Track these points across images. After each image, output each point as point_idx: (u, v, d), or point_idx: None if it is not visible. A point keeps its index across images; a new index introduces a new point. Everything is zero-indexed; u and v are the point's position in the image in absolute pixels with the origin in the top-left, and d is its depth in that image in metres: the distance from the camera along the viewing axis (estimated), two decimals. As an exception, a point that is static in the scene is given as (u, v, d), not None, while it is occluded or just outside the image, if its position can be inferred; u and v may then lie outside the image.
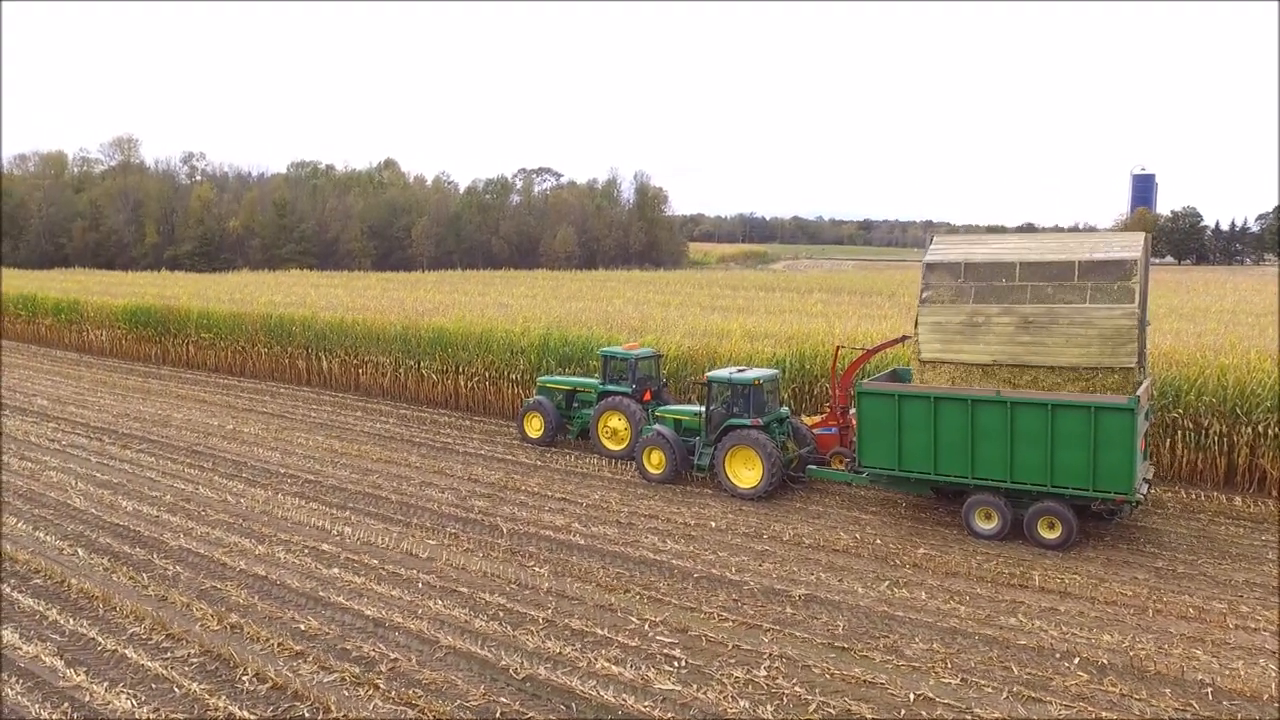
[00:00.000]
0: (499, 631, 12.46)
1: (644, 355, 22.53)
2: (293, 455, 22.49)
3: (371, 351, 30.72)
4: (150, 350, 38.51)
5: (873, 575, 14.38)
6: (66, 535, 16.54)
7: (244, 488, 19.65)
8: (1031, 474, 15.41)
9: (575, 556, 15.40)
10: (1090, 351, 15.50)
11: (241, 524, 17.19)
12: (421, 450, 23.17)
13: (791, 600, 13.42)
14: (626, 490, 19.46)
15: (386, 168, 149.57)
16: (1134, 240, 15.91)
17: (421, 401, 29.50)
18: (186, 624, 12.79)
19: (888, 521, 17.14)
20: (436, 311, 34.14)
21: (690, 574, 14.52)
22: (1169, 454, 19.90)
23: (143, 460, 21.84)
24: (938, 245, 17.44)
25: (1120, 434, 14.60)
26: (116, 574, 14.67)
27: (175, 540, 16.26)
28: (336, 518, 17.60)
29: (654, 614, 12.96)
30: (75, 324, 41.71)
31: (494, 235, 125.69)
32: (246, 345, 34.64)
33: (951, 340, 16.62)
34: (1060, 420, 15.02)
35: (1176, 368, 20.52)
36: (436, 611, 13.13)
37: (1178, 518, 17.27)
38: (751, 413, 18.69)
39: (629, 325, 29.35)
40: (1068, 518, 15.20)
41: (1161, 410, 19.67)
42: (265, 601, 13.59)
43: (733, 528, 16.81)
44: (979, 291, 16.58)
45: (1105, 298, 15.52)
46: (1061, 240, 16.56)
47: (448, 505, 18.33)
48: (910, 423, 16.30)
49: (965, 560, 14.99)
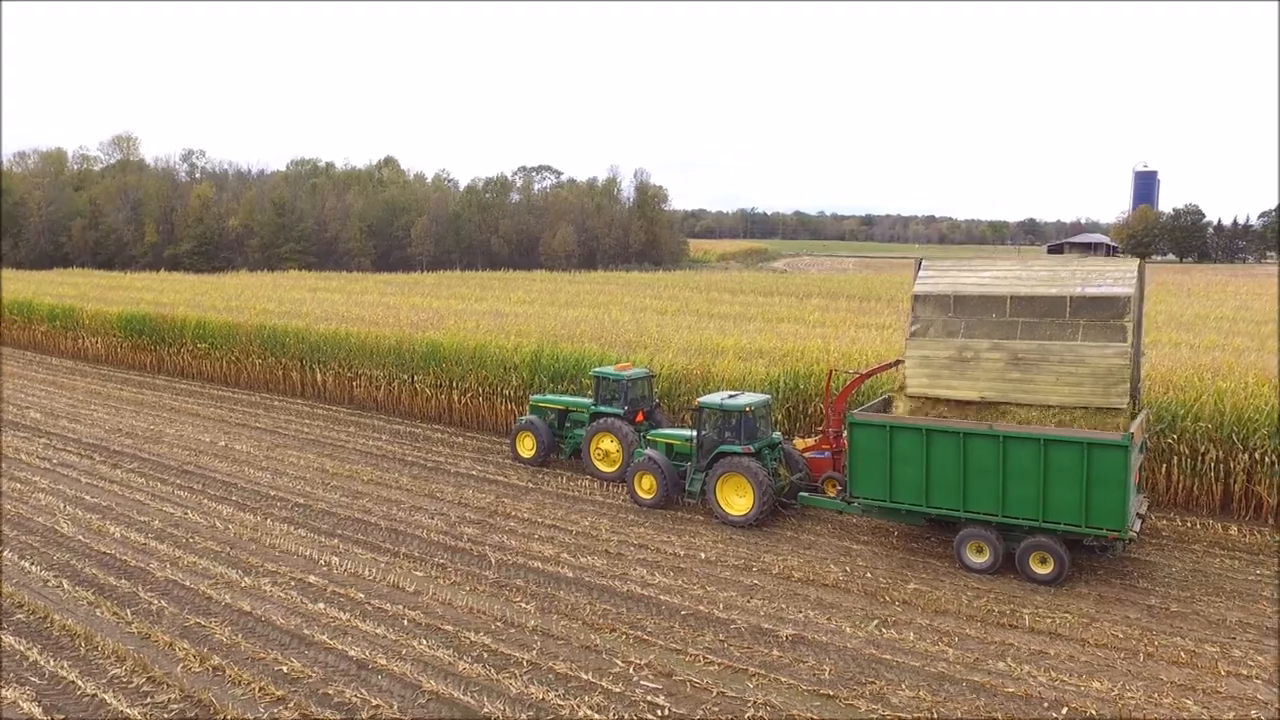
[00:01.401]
0: (482, 675, 12.34)
1: (636, 376, 22.37)
2: (283, 476, 22.36)
3: (365, 365, 30.58)
4: (146, 359, 38.39)
5: (861, 613, 14.24)
6: (53, 565, 16.43)
7: (233, 511, 19.54)
8: (1024, 509, 15.26)
9: (563, 590, 15.27)
10: (1082, 391, 15.28)
11: (229, 553, 17.07)
12: (413, 470, 23.04)
13: (779, 641, 13.29)
14: (617, 516, 19.33)
15: (386, 165, 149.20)
16: (1128, 272, 15.68)
17: (415, 416, 29.36)
18: (168, 665, 12.68)
19: (879, 553, 17.00)
20: (431, 321, 33.98)
21: (678, 611, 14.39)
22: (1164, 480, 19.73)
23: (133, 481, 21.73)
24: (926, 274, 17.21)
25: (1113, 471, 14.44)
26: (100, 609, 14.56)
27: (162, 571, 16.15)
28: (325, 546, 17.48)
29: (639, 656, 12.84)
30: (71, 331, 41.59)
31: (494, 234, 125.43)
32: (241, 356, 34.50)
33: (939, 375, 16.41)
34: (1053, 455, 14.86)
35: (1173, 392, 20.35)
36: (420, 652, 13.02)
37: (1172, 549, 17.11)
38: (743, 439, 18.54)
39: (624, 340, 29.19)
40: (1060, 554, 15.05)
41: (1158, 436, 19.51)
42: (249, 640, 13.48)
43: (723, 559, 16.68)
44: (969, 325, 16.37)
45: (1098, 335, 15.31)
46: (1053, 270, 16.30)
47: (437, 533, 18.20)
48: (902, 454, 16.15)
49: (956, 596, 14.85)
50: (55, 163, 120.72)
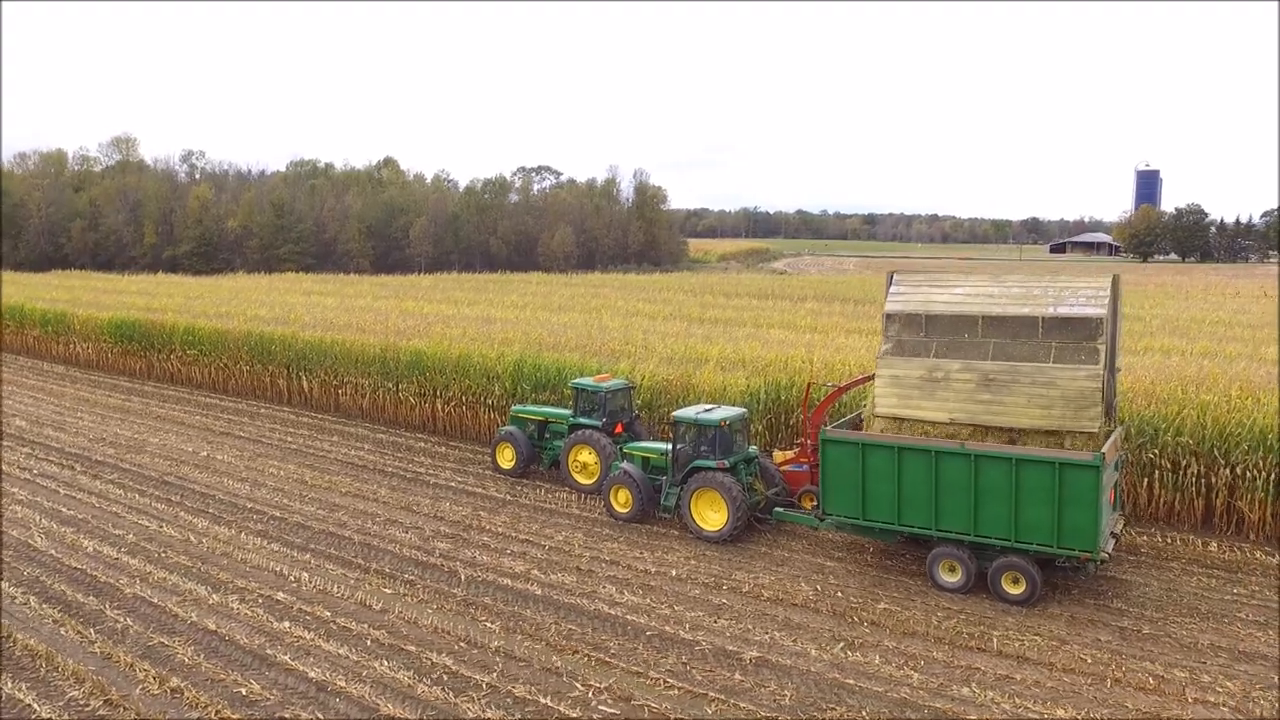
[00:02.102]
0: (441, 699, 12.25)
1: (615, 388, 22.24)
2: (262, 487, 22.29)
3: (351, 373, 30.51)
4: (136, 365, 38.36)
5: (828, 635, 14.12)
6: (22, 581, 16.37)
7: (208, 525, 19.46)
8: (995, 528, 15.12)
9: (530, 609, 15.17)
10: (1052, 414, 15.09)
11: (200, 568, 17.00)
12: (392, 481, 22.96)
13: (742, 664, 13.17)
14: (592, 530, 19.23)
15: (386, 166, 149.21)
16: (1100, 290, 15.45)
17: (400, 425, 29.28)
18: (127, 687, 12.61)
19: (852, 570, 16.87)
20: (419, 328, 33.89)
21: (643, 631, 14.28)
22: (1145, 495, 19.59)
23: (111, 493, 21.67)
24: (898, 290, 16.98)
25: (1085, 491, 14.30)
26: (65, 627, 14.49)
27: (131, 587, 16.08)
28: (296, 561, 17.40)
29: (600, 679, 12.73)
30: (63, 336, 41.58)
31: (492, 235, 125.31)
32: (229, 363, 34.45)
33: (909, 396, 16.23)
34: (1024, 475, 14.72)
35: (1155, 405, 20.19)
36: (380, 674, 12.93)
37: (1150, 566, 16.95)
38: (718, 454, 18.42)
39: (608, 349, 29.09)
40: (1032, 574, 14.91)
41: (1138, 449, 19.36)
42: (211, 660, 13.41)
43: (693, 576, 16.56)
44: (940, 345, 16.20)
45: (1069, 357, 15.13)
46: (1026, 287, 16.06)
47: (409, 547, 18.11)
48: (874, 472, 16.01)
49: (926, 617, 14.72)
50: (55, 164, 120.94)
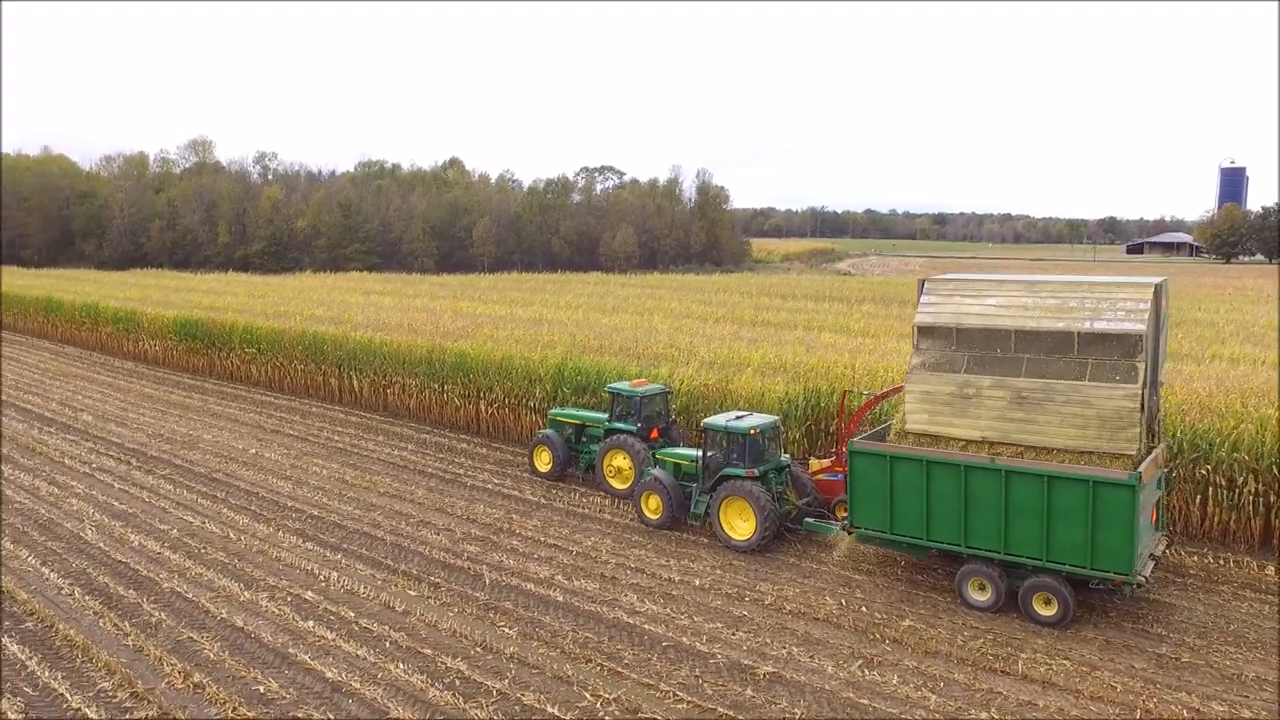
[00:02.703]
0: (450, 704, 12.35)
1: (650, 393, 22.16)
2: (304, 486, 22.85)
3: (399, 373, 31.07)
4: (199, 362, 39.75)
5: (848, 651, 13.80)
6: (70, 573, 17.08)
7: (249, 522, 20.02)
8: (1027, 547, 14.58)
9: (549, 615, 15.20)
10: (1088, 434, 14.42)
11: (235, 564, 17.50)
12: (431, 482, 23.29)
13: (755, 679, 12.96)
14: (621, 536, 19.18)
15: (451, 166, 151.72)
16: (1141, 302, 14.61)
17: (445, 425, 29.69)
18: (153, 681, 13.03)
19: (881, 584, 16.47)
20: (468, 330, 34.32)
21: (659, 642, 14.17)
22: (1199, 513, 18.68)
23: (161, 488, 22.47)
24: (928, 300, 16.33)
25: (1120, 511, 13.68)
26: (104, 619, 15.06)
27: (169, 582, 16.64)
28: (328, 560, 17.78)
29: (610, 689, 12.68)
30: (132, 334, 43.34)
31: (554, 235, 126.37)
32: (285, 362, 35.44)
33: (939, 412, 15.71)
34: (1057, 492, 14.16)
35: (1211, 418, 19.23)
36: (395, 676, 13.10)
37: (1197, 590, 16.15)
38: (747, 462, 18.18)
39: (651, 353, 28.99)
40: (1064, 595, 14.33)
41: (1191, 465, 18.47)
42: (235, 657, 13.77)
43: (716, 586, 16.38)
44: (971, 360, 15.63)
45: (1106, 375, 14.42)
46: (1062, 298, 15.27)
47: (439, 549, 18.34)
48: (903, 485, 15.61)
49: (951, 636, 14.27)
50: (138, 166, 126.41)
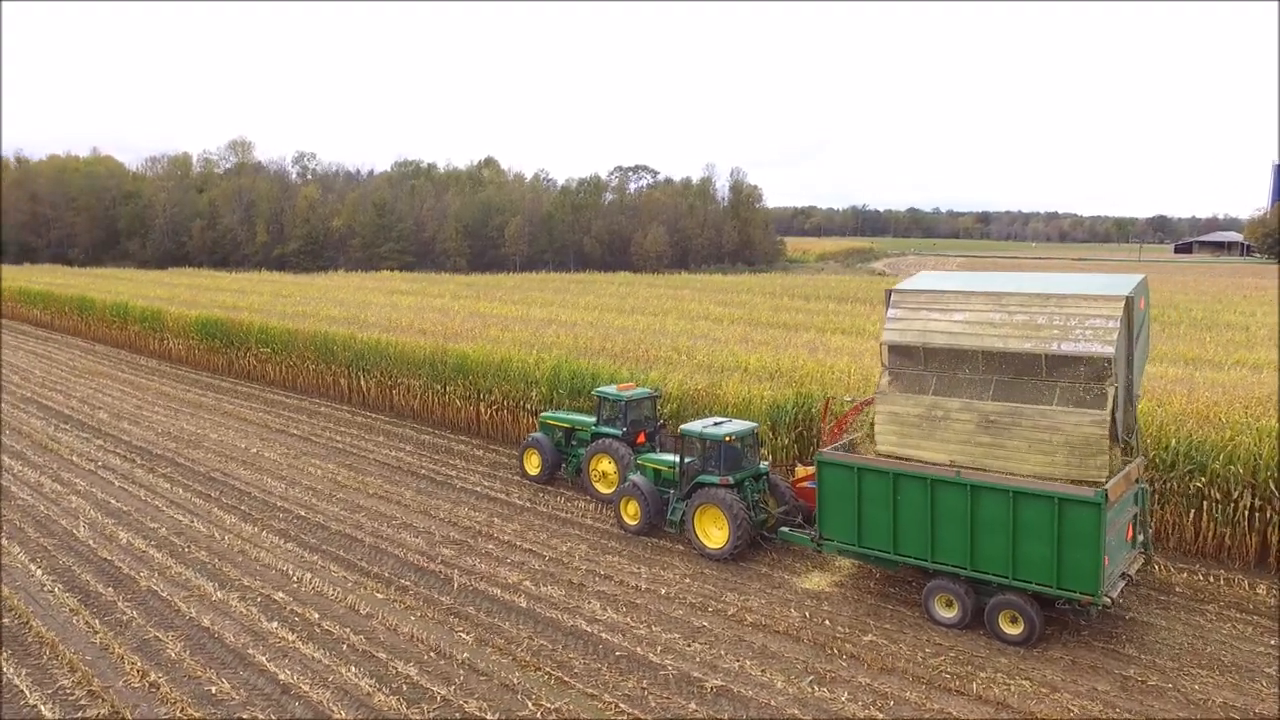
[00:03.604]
0: (393, 709, 12.41)
1: (636, 397, 22.06)
2: (296, 486, 23.15)
3: (403, 374, 31.36)
4: (219, 361, 40.53)
5: (802, 666, 13.58)
6: (55, 570, 17.50)
7: (236, 521, 20.34)
8: (993, 564, 14.21)
9: (509, 622, 15.20)
10: (1055, 461, 13.93)
11: (215, 564, 17.78)
12: (421, 484, 23.45)
13: (701, 693, 12.82)
14: (598, 542, 19.12)
15: (487, 166, 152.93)
16: (1110, 319, 13.97)
17: (446, 426, 29.89)
18: (112, 679, 13.29)
19: (850, 597, 16.18)
20: (476, 331, 34.53)
21: (613, 651, 14.09)
22: (1193, 529, 18.06)
23: (159, 487, 22.94)
24: (895, 315, 15.77)
25: (1086, 530, 13.25)
26: (78, 617, 15.40)
27: (147, 580, 16.95)
28: (304, 561, 17.98)
29: (553, 699, 12.63)
30: (157, 333, 44.35)
31: (586, 235, 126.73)
32: (297, 361, 35.98)
33: (909, 435, 15.31)
34: (1023, 509, 13.77)
35: (1210, 429, 18.58)
36: (344, 680, 13.20)
37: (1179, 609, 15.60)
38: (723, 470, 18.00)
39: (649, 356, 28.88)
40: (1030, 614, 13.93)
41: (1184, 477, 17.87)
42: (195, 657, 13.99)
43: (682, 596, 16.24)
44: (939, 382, 15.23)
45: (1075, 399, 13.95)
46: (1031, 313, 14.62)
47: (415, 552, 18.45)
48: (870, 498, 15.32)
49: (912, 653, 13.97)
50: (181, 166, 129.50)
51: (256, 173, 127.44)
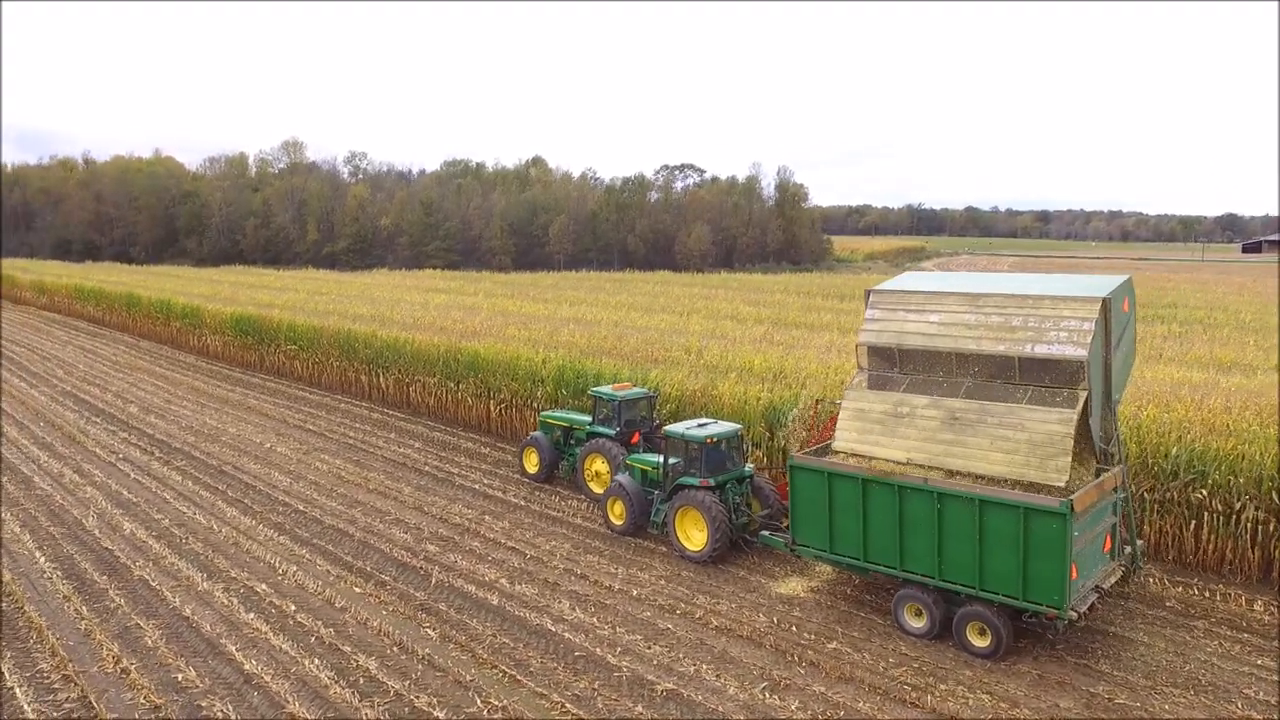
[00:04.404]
0: (346, 702, 12.62)
1: (631, 397, 22.05)
2: (301, 480, 23.67)
3: (419, 372, 31.84)
4: (251, 357, 41.63)
5: (758, 672, 13.43)
6: (58, 557, 18.19)
7: (236, 514, 20.89)
8: (961, 573, 13.88)
9: (477, 619, 15.33)
10: (1015, 460, 13.55)
11: (207, 555, 18.29)
12: (422, 480, 23.78)
13: (651, 696, 12.77)
14: (583, 542, 19.17)
15: (534, 165, 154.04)
16: (1086, 320, 13.52)
17: (458, 423, 30.26)
18: (87, 664, 13.77)
19: (824, 603, 15.95)
20: (495, 329, 34.88)
21: (572, 651, 14.12)
22: (1193, 541, 17.39)
23: (170, 479, 23.67)
24: (873, 316, 15.63)
25: (1052, 541, 12.86)
26: (70, 603, 15.99)
27: (141, 570, 17.52)
28: (293, 554, 18.38)
29: (502, 697, 12.71)
30: (197, 329, 45.74)
31: (630, 234, 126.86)
32: (322, 358, 36.77)
33: (869, 431, 15.06)
34: (990, 518, 13.42)
35: (1216, 437, 17.87)
36: (305, 672, 13.47)
37: (1166, 624, 15.03)
38: (704, 472, 17.90)
39: (660, 356, 28.84)
40: (998, 626, 13.57)
41: (1185, 488, 17.22)
42: (170, 645, 14.42)
43: (653, 597, 16.19)
44: (912, 382, 14.96)
45: (1044, 399, 13.58)
46: (1007, 315, 14.24)
47: (400, 548, 18.72)
48: (841, 503, 15.09)
49: (874, 663, 13.72)
50: (238, 166, 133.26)
51: (309, 172, 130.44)
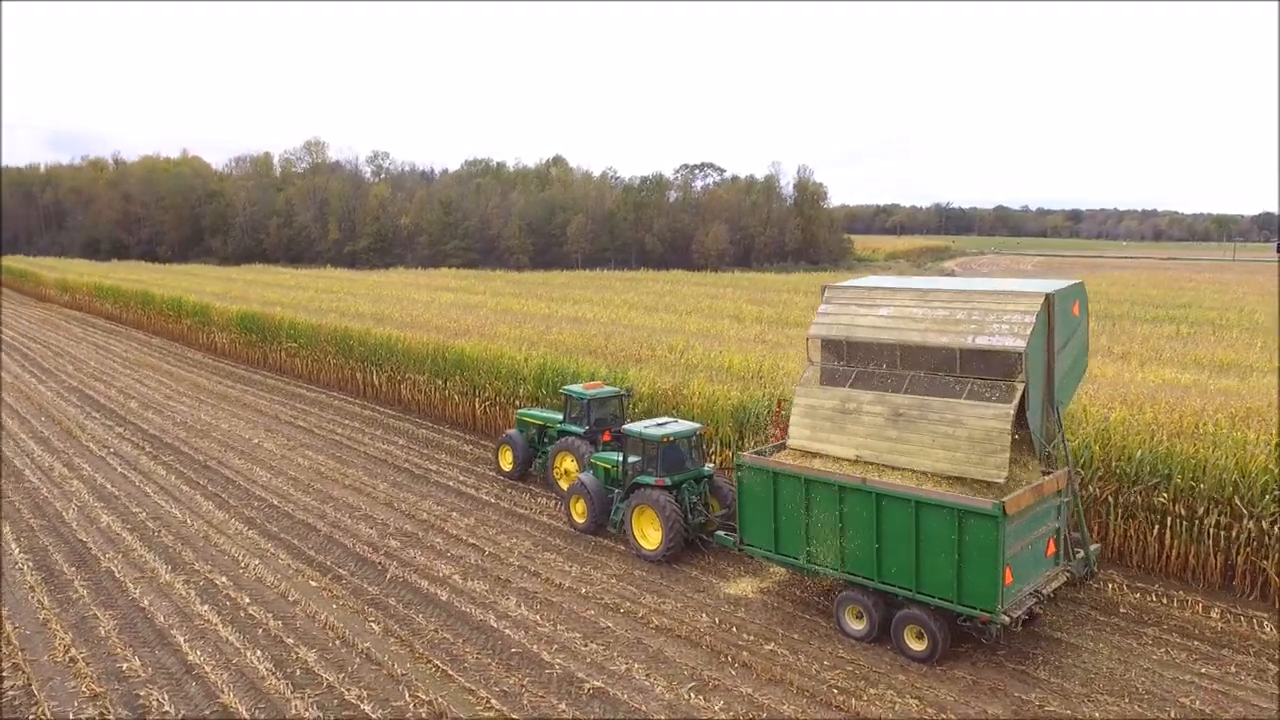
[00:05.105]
0: (278, 695, 12.84)
1: (600, 395, 22.13)
2: (281, 476, 24.03)
3: (409, 369, 32.16)
4: (255, 354, 42.27)
5: (688, 672, 13.46)
6: (33, 549, 18.65)
7: (211, 508, 21.26)
8: (899, 576, 13.81)
9: (424, 614, 15.51)
10: (956, 457, 13.49)
11: (176, 548, 18.65)
12: (399, 476, 24.04)
13: (577, 694, 12.85)
14: (543, 539, 19.29)
15: (555, 164, 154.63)
16: (1027, 313, 13.43)
17: (446, 421, 30.53)
18: (38, 654, 14.12)
19: (771, 604, 15.93)
20: (485, 327, 35.12)
21: (509, 648, 14.24)
22: (1157, 545, 17.13)
23: (155, 473, 24.13)
24: (825, 310, 15.68)
25: (984, 543, 12.76)
26: (35, 594, 16.40)
27: (110, 562, 17.91)
28: (258, 548, 18.68)
29: (431, 692, 12.86)
30: (205, 327, 46.51)
31: (648, 233, 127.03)
32: (320, 356, 37.25)
33: (820, 428, 15.06)
34: (925, 519, 13.34)
35: (1182, 440, 17.57)
36: (245, 663, 13.71)
37: (1115, 630, 14.83)
38: (660, 471, 17.94)
39: (640, 355, 28.89)
40: (933, 630, 13.47)
41: (1148, 491, 16.97)
42: (122, 635, 14.75)
43: (600, 596, 16.27)
44: (858, 376, 14.92)
45: (983, 394, 13.49)
46: (952, 308, 14.26)
47: (363, 543, 18.96)
48: (785, 503, 15.06)
49: (808, 665, 13.69)
50: (262, 166, 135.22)
51: (331, 172, 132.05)
